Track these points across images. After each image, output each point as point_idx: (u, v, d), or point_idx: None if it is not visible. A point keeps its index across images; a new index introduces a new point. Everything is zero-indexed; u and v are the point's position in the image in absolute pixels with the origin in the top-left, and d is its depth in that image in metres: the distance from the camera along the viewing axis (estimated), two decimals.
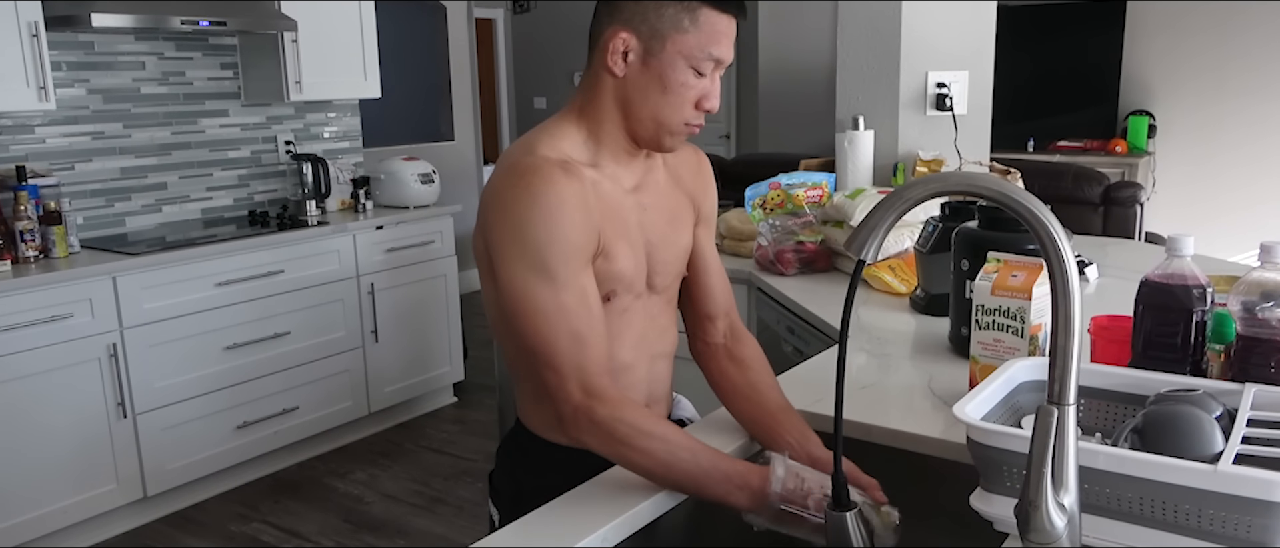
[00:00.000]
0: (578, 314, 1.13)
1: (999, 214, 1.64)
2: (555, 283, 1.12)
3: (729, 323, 1.42)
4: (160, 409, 3.11)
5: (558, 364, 1.13)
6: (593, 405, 1.12)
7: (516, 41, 7.09)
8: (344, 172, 4.07)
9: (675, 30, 1.15)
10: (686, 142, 1.29)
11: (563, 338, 1.12)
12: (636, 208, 1.26)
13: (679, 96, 1.18)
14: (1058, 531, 0.85)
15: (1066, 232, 0.89)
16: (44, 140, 3.26)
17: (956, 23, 2.83)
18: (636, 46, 1.17)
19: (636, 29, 1.16)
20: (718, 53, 1.18)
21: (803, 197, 2.65)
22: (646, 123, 1.20)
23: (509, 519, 1.14)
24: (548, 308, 1.12)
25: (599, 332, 1.16)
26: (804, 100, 6.10)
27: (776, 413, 1.30)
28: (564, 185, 1.13)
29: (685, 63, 1.17)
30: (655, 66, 1.17)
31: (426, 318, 4.03)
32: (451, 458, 3.65)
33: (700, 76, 1.18)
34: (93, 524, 3.01)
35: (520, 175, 1.14)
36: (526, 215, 1.12)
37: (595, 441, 1.13)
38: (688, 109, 1.20)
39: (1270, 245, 1.14)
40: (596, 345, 1.14)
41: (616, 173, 1.24)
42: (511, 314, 1.15)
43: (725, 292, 1.42)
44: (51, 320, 2.81)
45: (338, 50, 3.85)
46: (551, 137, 1.21)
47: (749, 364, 1.38)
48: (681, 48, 1.16)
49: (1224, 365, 1.23)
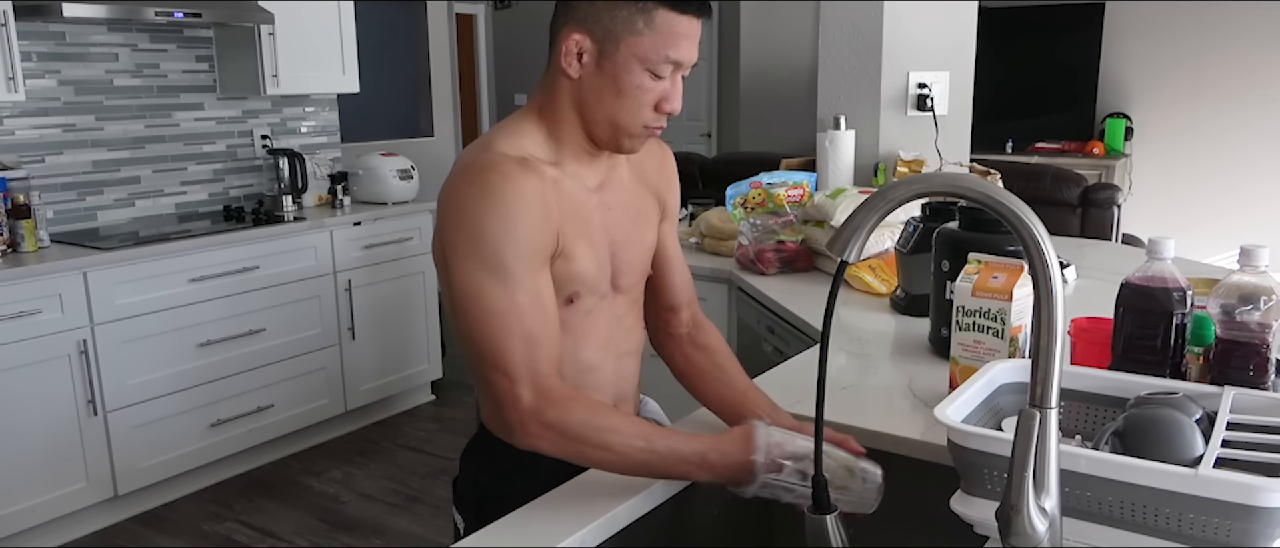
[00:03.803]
0: (531, 314, 1.11)
1: (980, 215, 1.64)
2: (509, 283, 1.09)
3: (691, 313, 1.42)
4: (132, 407, 3.06)
5: (508, 367, 1.09)
6: (543, 408, 1.09)
7: (497, 38, 7.06)
8: (321, 167, 4.03)
9: (629, 32, 1.12)
10: (654, 137, 1.27)
11: (515, 339, 1.09)
12: (600, 208, 1.23)
13: (635, 100, 1.15)
14: (1039, 534, 0.84)
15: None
16: (13, 132, 3.20)
17: (938, 23, 2.83)
18: (590, 48, 1.14)
19: (590, 30, 1.13)
20: (676, 55, 1.13)
21: (784, 196, 2.65)
22: (603, 125, 1.18)
23: (474, 526, 1.11)
24: (500, 308, 1.09)
25: (552, 332, 1.13)
26: (785, 99, 6.10)
27: (745, 390, 1.32)
28: (522, 182, 1.11)
29: (640, 65, 1.13)
30: (609, 69, 1.14)
31: (404, 315, 3.99)
32: (429, 457, 3.63)
33: (658, 79, 1.14)
34: (62, 523, 2.96)
35: (476, 172, 1.11)
36: (482, 213, 1.09)
37: (547, 443, 1.10)
38: (646, 112, 1.16)
39: (1250, 249, 1.14)
40: (548, 346, 1.12)
41: (579, 171, 1.21)
42: (462, 315, 1.11)
43: (687, 284, 1.42)
44: (20, 316, 2.76)
45: (316, 44, 3.80)
46: (511, 134, 1.18)
47: (714, 349, 1.39)
48: (636, 50, 1.12)
49: (1203, 368, 1.23)
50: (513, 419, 1.10)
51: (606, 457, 1.11)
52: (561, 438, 1.09)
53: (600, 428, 1.10)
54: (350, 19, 3.93)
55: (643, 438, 1.10)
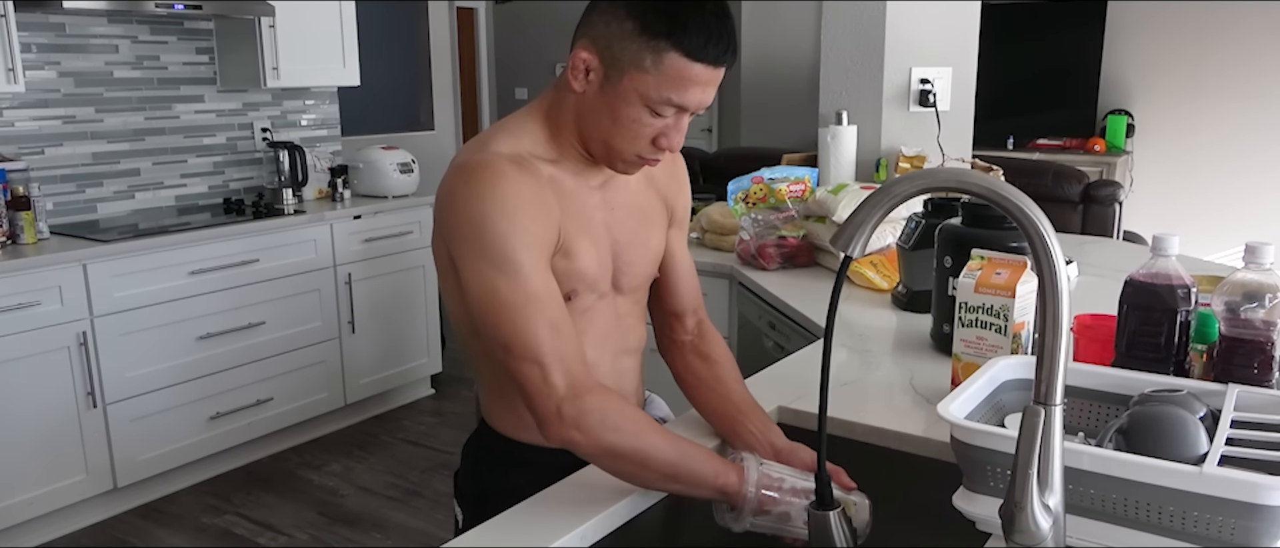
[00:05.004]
0: (551, 304, 1.09)
1: (983, 211, 1.64)
2: (521, 274, 1.08)
3: (697, 320, 1.40)
4: (131, 399, 3.06)
5: (539, 355, 1.06)
6: (579, 396, 1.06)
7: (498, 31, 7.05)
8: (321, 160, 4.02)
9: (635, 67, 1.07)
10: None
11: (542, 328, 1.07)
12: (603, 206, 1.22)
13: (630, 132, 1.11)
14: (1043, 532, 0.84)
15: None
16: (13, 123, 3.19)
17: (940, 19, 2.82)
18: (598, 68, 1.10)
19: (600, 52, 1.09)
20: (681, 100, 1.08)
21: (785, 191, 2.64)
22: (598, 144, 1.16)
23: (473, 521, 1.11)
24: (518, 301, 1.07)
25: (571, 323, 1.12)
26: (787, 94, 6.09)
27: (740, 405, 1.29)
28: (517, 180, 1.10)
29: (640, 101, 1.08)
30: (610, 95, 1.10)
31: (404, 309, 3.99)
32: (428, 450, 3.62)
33: (658, 116, 1.10)
34: (61, 516, 2.96)
35: (471, 172, 1.10)
36: (483, 211, 1.08)
37: (583, 435, 1.05)
38: (642, 144, 1.13)
39: (1255, 246, 1.14)
40: (572, 337, 1.10)
41: (580, 170, 1.20)
42: (481, 313, 1.09)
43: (694, 290, 1.40)
44: (19, 308, 2.75)
45: (317, 37, 3.79)
46: (510, 133, 1.17)
47: (716, 360, 1.36)
48: (639, 85, 1.08)
49: (1207, 366, 1.22)
50: (547, 409, 1.06)
51: (635, 460, 1.07)
52: (601, 428, 1.05)
53: (636, 433, 1.07)
54: (351, 12, 3.92)
55: (675, 449, 1.08)
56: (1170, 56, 5.57)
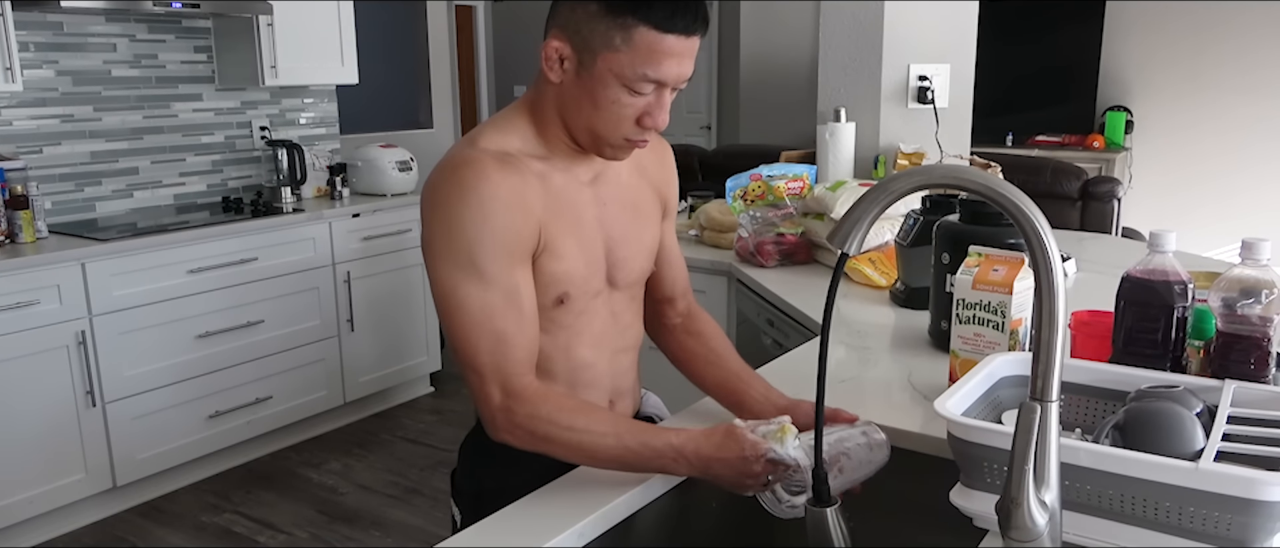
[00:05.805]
0: (503, 314, 1.11)
1: (980, 208, 1.64)
2: (483, 281, 1.09)
3: (686, 304, 1.42)
4: (130, 398, 3.06)
5: (478, 365, 1.11)
6: (511, 406, 1.11)
7: (497, 30, 7.04)
8: (320, 158, 4.02)
9: (606, 48, 1.07)
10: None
11: (485, 339, 1.10)
12: (594, 202, 1.22)
13: (612, 114, 1.11)
14: (1039, 528, 0.84)
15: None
16: (11, 122, 3.19)
17: (939, 16, 2.82)
18: (571, 55, 1.10)
19: (571, 39, 1.10)
20: (657, 74, 1.08)
21: (783, 188, 2.64)
22: (583, 132, 1.16)
23: (471, 519, 1.11)
24: (472, 307, 1.10)
25: (527, 331, 1.13)
26: (785, 92, 6.08)
27: (739, 372, 1.34)
28: (498, 179, 1.10)
29: (617, 81, 1.09)
30: (586, 80, 1.10)
31: (403, 307, 3.99)
32: (428, 449, 3.62)
33: (638, 94, 1.10)
34: (60, 515, 2.96)
35: (453, 170, 1.11)
36: (457, 211, 1.09)
37: (516, 440, 1.12)
38: (627, 125, 1.13)
39: (1252, 242, 1.14)
40: (521, 345, 1.12)
41: (570, 166, 1.20)
42: (439, 311, 1.13)
43: (683, 277, 1.43)
44: (18, 307, 2.75)
45: (315, 35, 3.79)
46: (500, 129, 1.17)
47: (708, 335, 1.40)
48: (612, 66, 1.08)
49: (1203, 362, 1.22)
50: (485, 415, 1.13)
51: (579, 454, 1.12)
52: (530, 436, 1.11)
53: (569, 427, 1.10)
54: (349, 10, 3.92)
55: (613, 435, 1.11)
56: (1169, 53, 5.57)
